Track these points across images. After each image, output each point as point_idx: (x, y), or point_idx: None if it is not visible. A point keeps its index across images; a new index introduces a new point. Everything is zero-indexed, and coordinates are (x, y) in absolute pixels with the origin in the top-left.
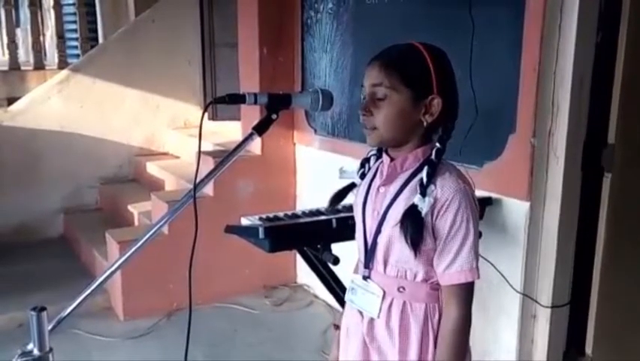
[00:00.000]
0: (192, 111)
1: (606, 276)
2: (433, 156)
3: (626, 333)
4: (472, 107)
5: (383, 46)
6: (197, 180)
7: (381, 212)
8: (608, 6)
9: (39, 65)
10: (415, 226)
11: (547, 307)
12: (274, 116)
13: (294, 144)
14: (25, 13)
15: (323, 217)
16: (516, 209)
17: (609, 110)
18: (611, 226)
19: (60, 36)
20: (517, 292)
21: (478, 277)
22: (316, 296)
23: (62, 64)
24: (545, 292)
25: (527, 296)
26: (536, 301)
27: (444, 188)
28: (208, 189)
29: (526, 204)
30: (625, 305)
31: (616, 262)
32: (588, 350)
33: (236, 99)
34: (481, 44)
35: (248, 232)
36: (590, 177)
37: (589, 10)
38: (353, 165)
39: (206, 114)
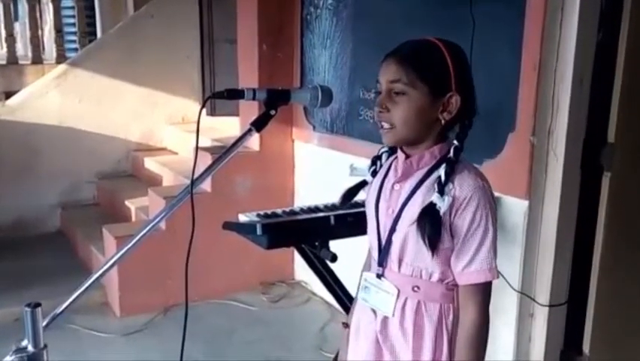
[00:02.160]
0: (190, 107)
1: (604, 275)
2: (451, 155)
3: (623, 333)
4: None
5: (383, 42)
6: (195, 175)
7: (397, 210)
8: (609, 4)
9: (37, 60)
10: (433, 226)
11: (545, 306)
12: (273, 112)
13: (293, 141)
14: (23, 7)
15: (321, 214)
16: (515, 207)
17: (609, 109)
18: (610, 225)
19: (58, 30)
20: (515, 290)
21: (497, 277)
22: (313, 293)
23: (60, 58)
24: (543, 291)
25: (525, 295)
26: (534, 300)
27: (463, 186)
28: (206, 185)
29: (525, 203)
30: (623, 305)
31: (614, 261)
32: (586, 349)
33: (235, 94)
34: (481, 41)
35: (245, 229)
36: (590, 176)
37: (590, 9)
38: (362, 162)
39: (204, 110)
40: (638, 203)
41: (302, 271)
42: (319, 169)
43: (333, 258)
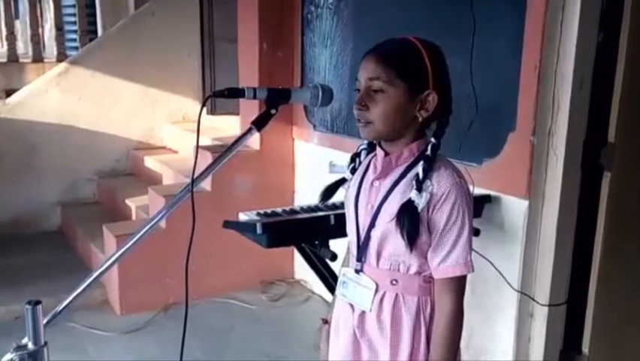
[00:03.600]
0: (191, 105)
1: (604, 275)
2: (428, 152)
3: (623, 332)
4: (473, 104)
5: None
6: (195, 174)
7: (376, 206)
8: (609, 5)
9: (38, 58)
10: (411, 222)
11: (544, 305)
12: (273, 111)
13: (293, 140)
14: (24, 5)
15: (321, 213)
16: (515, 207)
17: (609, 109)
18: (610, 225)
19: (59, 28)
20: (515, 290)
21: (473, 271)
22: (313, 292)
23: (61, 56)
24: (543, 290)
25: (525, 295)
26: (534, 300)
27: (440, 182)
28: (206, 184)
29: (525, 203)
30: (622, 304)
31: (614, 261)
32: (585, 348)
33: (236, 93)
34: (482, 41)
35: (245, 228)
36: (590, 175)
37: (590, 9)
38: (343, 159)
39: (204, 108)
40: (638, 203)
41: (302, 270)
42: (319, 168)
43: (333, 257)
